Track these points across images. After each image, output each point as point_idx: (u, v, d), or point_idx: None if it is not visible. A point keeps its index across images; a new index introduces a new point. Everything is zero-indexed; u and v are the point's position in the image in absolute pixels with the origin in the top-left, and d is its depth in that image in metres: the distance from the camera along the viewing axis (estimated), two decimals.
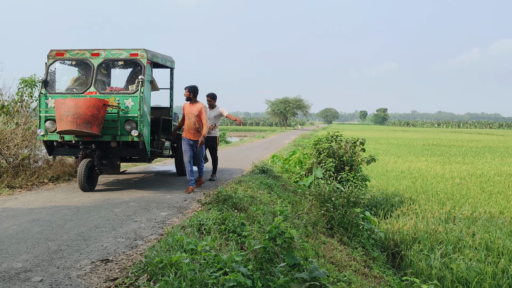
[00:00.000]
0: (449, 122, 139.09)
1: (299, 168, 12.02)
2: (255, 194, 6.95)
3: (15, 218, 5.06)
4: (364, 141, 11.21)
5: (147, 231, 4.60)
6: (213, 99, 9.08)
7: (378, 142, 32.88)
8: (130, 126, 7.17)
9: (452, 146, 31.42)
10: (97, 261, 3.56)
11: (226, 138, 30.24)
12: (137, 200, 6.36)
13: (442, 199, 11.06)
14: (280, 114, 72.54)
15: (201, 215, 4.85)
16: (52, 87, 7.55)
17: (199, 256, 3.25)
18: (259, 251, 3.55)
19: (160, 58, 8.16)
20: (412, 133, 58.89)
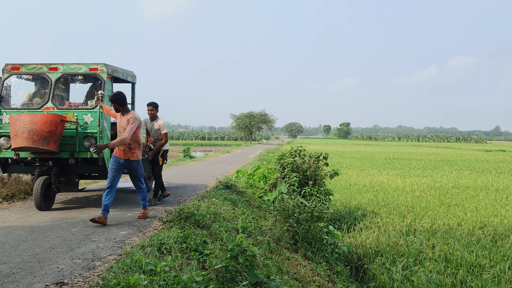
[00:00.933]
0: (409, 136, 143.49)
1: (263, 183, 12.03)
2: (219, 210, 6.88)
3: None
4: (327, 155, 11.36)
5: (105, 251, 4.45)
6: (155, 109, 8.13)
7: (341, 156, 33.44)
8: (89, 142, 6.99)
9: (412, 159, 32.34)
10: (52, 285, 3.40)
11: (190, 153, 29.93)
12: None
13: (403, 212, 11.30)
14: (245, 128, 72.68)
15: (162, 233, 4.74)
16: (7, 102, 7.28)
17: (158, 277, 3.16)
18: (220, 270, 3.49)
19: (121, 72, 8.03)
20: (374, 147, 60.27)
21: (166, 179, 12.30)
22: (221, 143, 79.63)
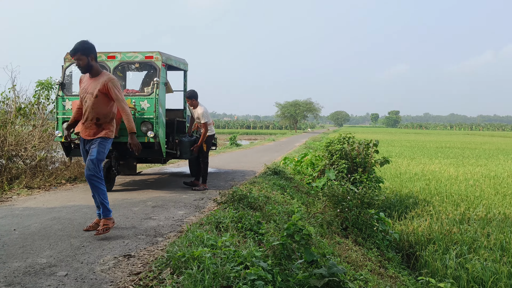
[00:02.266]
0: (462, 124, 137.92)
1: (311, 170, 12.04)
2: (269, 195, 7.00)
3: (36, 216, 5.17)
4: (378, 142, 11.21)
5: (166, 228, 4.68)
6: (190, 99, 7.89)
7: (390, 145, 32.71)
8: (146, 127, 7.28)
9: (465, 148, 31.16)
10: (120, 257, 3.64)
11: (236, 141, 30.33)
12: (154, 200, 6.45)
13: (456, 200, 10.99)
14: (290, 117, 72.45)
15: (218, 213, 4.92)
16: (69, 90, 7.69)
17: (219, 251, 3.31)
18: (277, 247, 3.60)
19: (174, 60, 8.27)
20: (425, 136, 58.47)
21: (215, 165, 12.59)
22: (266, 131, 79.90)
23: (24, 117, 9.19)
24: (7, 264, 3.38)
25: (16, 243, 4.00)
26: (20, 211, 5.52)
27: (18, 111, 8.95)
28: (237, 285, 2.72)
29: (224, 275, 2.88)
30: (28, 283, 2.99)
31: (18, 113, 8.96)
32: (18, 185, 7.41)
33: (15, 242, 4.02)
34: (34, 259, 3.53)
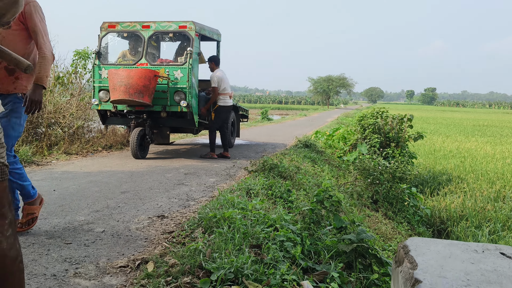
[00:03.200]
0: (502, 103, 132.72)
1: (342, 144, 11.95)
2: (300, 165, 7.03)
3: (74, 179, 5.39)
4: (412, 117, 10.98)
5: (198, 193, 4.80)
6: (210, 61, 8.01)
7: (425, 122, 31.96)
8: (179, 97, 7.37)
9: (504, 127, 30.10)
10: (154, 217, 3.78)
11: (268, 116, 30.31)
12: (186, 167, 6.59)
13: (491, 178, 10.72)
14: (322, 92, 71.56)
15: (249, 181, 4.99)
16: (105, 59, 7.84)
17: (250, 214, 3.38)
18: (306, 212, 3.64)
19: (208, 30, 8.27)
20: (462, 114, 56.76)
21: (246, 137, 12.66)
22: (298, 107, 79.31)
23: (62, 86, 9.46)
24: (47, 220, 3.56)
25: (56, 202, 4.20)
26: (59, 174, 5.76)
27: (56, 80, 9.21)
28: (267, 245, 2.78)
29: (254, 235, 2.94)
30: (68, 237, 3.15)
31: (56, 81, 9.23)
32: (57, 151, 7.70)
33: (55, 202, 4.22)
34: (73, 217, 3.70)
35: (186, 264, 2.45)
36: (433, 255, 1.16)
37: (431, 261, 1.12)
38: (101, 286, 2.35)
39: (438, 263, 1.11)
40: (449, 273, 1.05)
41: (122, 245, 3.03)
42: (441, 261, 1.13)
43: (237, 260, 2.41)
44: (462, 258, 1.14)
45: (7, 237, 1.54)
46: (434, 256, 1.16)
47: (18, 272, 1.59)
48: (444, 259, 1.14)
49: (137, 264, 2.63)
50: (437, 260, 1.13)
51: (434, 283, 0.99)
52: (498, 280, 1.01)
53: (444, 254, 1.17)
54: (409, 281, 1.05)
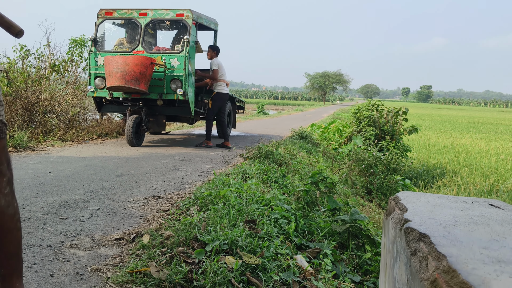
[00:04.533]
0: (497, 101, 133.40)
1: (338, 136, 12.01)
2: (295, 154, 7.06)
3: (70, 163, 5.40)
4: (407, 110, 11.05)
5: (193, 178, 4.82)
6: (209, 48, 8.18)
7: (421, 118, 32.08)
8: (175, 85, 7.36)
9: (499, 124, 30.29)
10: (149, 197, 3.80)
11: (264, 110, 30.32)
12: (182, 155, 6.61)
13: (485, 172, 10.81)
14: (319, 88, 71.62)
15: (244, 166, 5.02)
16: (102, 46, 7.82)
17: (245, 193, 3.40)
18: (301, 194, 3.67)
19: (205, 19, 8.26)
20: (457, 111, 57.01)
21: (242, 129, 12.68)
22: (294, 102, 79.29)
23: (58, 74, 9.43)
24: (43, 198, 3.57)
25: (52, 182, 4.21)
26: (55, 158, 5.76)
27: (52, 67, 9.19)
28: (261, 221, 2.81)
29: (248, 212, 2.97)
30: (64, 214, 3.17)
31: (52, 69, 9.20)
32: (52, 138, 7.70)
33: (51, 182, 4.23)
34: (69, 196, 3.72)
35: (181, 236, 2.47)
36: (423, 204, 1.19)
37: (421, 208, 1.15)
38: (97, 256, 2.37)
39: (427, 209, 1.14)
40: (438, 216, 1.08)
41: (117, 221, 3.05)
42: (431, 208, 1.16)
43: (232, 233, 2.44)
44: (451, 207, 1.18)
45: (5, 195, 1.55)
46: (424, 204, 1.19)
47: (16, 230, 1.61)
48: (434, 207, 1.17)
49: (133, 237, 2.65)
50: (427, 207, 1.16)
51: (423, 222, 1.02)
52: (485, 222, 1.04)
53: (433, 203, 1.21)
54: (399, 223, 1.08)
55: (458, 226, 1.01)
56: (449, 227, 1.01)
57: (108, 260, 2.31)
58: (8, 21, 1.62)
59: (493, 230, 0.99)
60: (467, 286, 0.69)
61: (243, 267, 2.17)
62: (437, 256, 0.82)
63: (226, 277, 2.03)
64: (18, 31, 1.65)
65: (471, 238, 0.92)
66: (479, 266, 0.77)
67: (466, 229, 0.99)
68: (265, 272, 2.22)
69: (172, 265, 2.15)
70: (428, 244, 0.89)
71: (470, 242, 0.89)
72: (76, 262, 2.27)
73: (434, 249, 0.85)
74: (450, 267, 0.76)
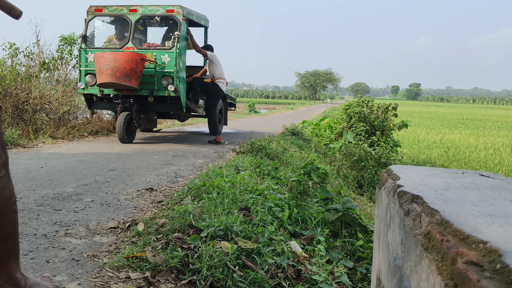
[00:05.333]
0: (485, 98, 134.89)
1: (329, 132, 12.07)
2: (287, 148, 7.10)
3: (61, 159, 5.37)
4: (397, 106, 11.14)
5: (186, 172, 4.83)
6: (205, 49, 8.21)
7: (410, 115, 32.31)
8: (166, 81, 7.35)
9: (487, 120, 30.63)
10: (142, 190, 3.80)
11: (255, 109, 30.37)
12: (174, 151, 6.61)
13: (474, 166, 10.95)
14: (309, 87, 71.87)
15: (237, 159, 5.04)
16: (92, 42, 7.79)
17: (238, 184, 3.43)
18: (294, 184, 3.70)
19: (195, 16, 8.25)
20: (446, 108, 57.52)
21: (234, 127, 12.70)
22: (285, 101, 79.41)
23: (48, 72, 9.37)
24: (36, 191, 3.56)
25: (44, 177, 4.20)
26: (46, 155, 5.73)
27: (42, 65, 9.12)
28: (255, 209, 2.84)
29: (242, 201, 2.99)
30: (57, 205, 3.16)
31: (42, 67, 9.13)
32: (43, 135, 7.65)
33: (43, 176, 4.21)
34: (62, 189, 3.71)
35: (176, 223, 2.49)
36: (415, 174, 1.23)
37: (413, 177, 1.18)
38: (92, 244, 2.38)
39: (419, 178, 1.18)
40: (430, 183, 1.12)
41: (111, 212, 3.06)
42: (423, 177, 1.19)
43: (226, 219, 2.46)
44: (443, 176, 1.21)
45: (1, 177, 1.56)
46: (416, 174, 1.22)
47: (12, 212, 1.62)
48: (425, 176, 1.20)
49: (127, 225, 2.66)
50: (419, 176, 1.20)
51: (415, 187, 1.05)
52: (476, 187, 1.07)
53: (425, 174, 1.24)
54: (392, 190, 1.11)
55: (450, 190, 1.04)
56: (441, 191, 1.05)
57: (104, 247, 2.32)
58: (9, 4, 1.64)
59: (483, 193, 1.02)
60: (459, 233, 0.72)
61: (238, 252, 2.19)
62: (430, 212, 0.85)
63: (221, 260, 2.05)
64: (18, 13, 1.67)
65: (462, 199, 0.95)
66: (471, 218, 0.80)
67: (458, 193, 1.02)
68: (260, 257, 2.24)
69: (168, 250, 2.17)
70: (421, 204, 0.92)
71: (462, 202, 0.92)
72: (71, 250, 2.27)
73: (427, 206, 0.88)
74: (443, 219, 0.79)
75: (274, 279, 2.17)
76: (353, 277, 2.92)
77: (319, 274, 2.29)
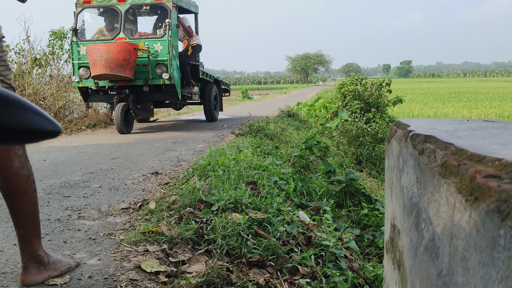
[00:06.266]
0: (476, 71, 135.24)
1: (324, 112, 12.12)
2: (285, 128, 7.15)
3: (63, 151, 5.40)
4: (390, 82, 11.20)
5: (188, 156, 4.88)
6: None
7: (403, 92, 32.25)
8: (160, 69, 7.33)
9: (479, 93, 30.78)
10: (148, 174, 3.85)
11: (248, 95, 30.35)
12: (174, 138, 6.65)
13: None
14: (301, 70, 71.80)
15: (237, 140, 5.09)
16: (83, 35, 7.74)
17: (242, 162, 3.48)
18: (296, 159, 3.76)
19: (185, 2, 8.21)
20: (438, 84, 57.67)
21: (230, 113, 12.73)
22: (277, 86, 79.28)
23: (41, 68, 9.33)
24: (43, 182, 3.60)
25: (48, 168, 4.23)
26: (47, 148, 5.75)
27: (34, 62, 9.07)
28: (261, 183, 2.90)
29: (248, 177, 3.05)
30: (66, 193, 3.21)
31: (34, 64, 9.09)
32: None
33: (47, 168, 4.25)
34: (68, 178, 3.75)
35: (186, 200, 2.54)
36: (424, 122, 1.28)
37: (422, 124, 1.23)
38: (106, 224, 2.43)
39: (428, 125, 1.23)
40: (439, 127, 1.17)
41: (120, 195, 3.11)
42: (431, 124, 1.25)
43: (235, 193, 2.51)
44: (450, 123, 1.27)
45: (19, 156, 1.60)
46: (424, 122, 1.28)
47: (31, 190, 1.66)
48: (434, 123, 1.26)
49: (139, 205, 2.72)
50: (428, 124, 1.25)
51: (426, 131, 1.11)
52: (483, 128, 1.13)
53: (433, 122, 1.29)
54: (403, 137, 1.17)
55: (459, 131, 1.10)
56: (451, 132, 1.10)
57: (118, 226, 2.38)
58: None
59: (490, 132, 1.08)
60: (475, 156, 0.77)
61: (249, 222, 2.25)
62: (444, 146, 0.91)
63: (234, 230, 2.11)
64: None
65: (472, 135, 1.00)
66: (484, 146, 0.85)
67: (467, 132, 1.07)
68: (271, 226, 2.31)
69: (181, 224, 2.23)
70: (434, 142, 0.98)
71: (472, 137, 0.98)
72: (87, 230, 2.33)
73: (440, 142, 0.94)
74: (458, 148, 0.84)
75: (286, 246, 2.23)
76: (360, 244, 3.00)
77: (329, 239, 2.36)
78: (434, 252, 0.87)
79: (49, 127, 0.53)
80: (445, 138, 0.97)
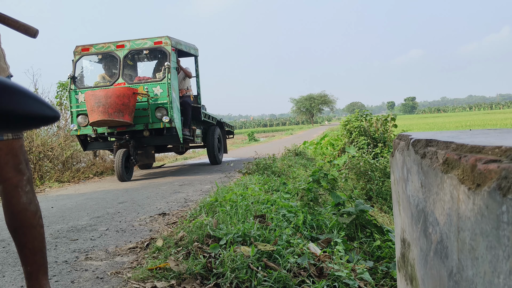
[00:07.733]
0: (481, 104, 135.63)
1: (331, 149, 12.11)
2: (292, 165, 7.13)
3: (70, 199, 5.40)
4: (395, 116, 11.25)
5: (195, 197, 4.85)
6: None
7: (409, 128, 32.35)
8: (161, 113, 7.21)
9: (486, 125, 30.71)
10: (155, 215, 3.82)
11: (254, 137, 30.57)
12: (180, 181, 6.64)
13: None
14: (306, 111, 72.45)
15: (244, 179, 5.07)
16: (81, 82, 7.71)
17: (250, 197, 3.45)
18: (304, 192, 3.73)
19: (184, 45, 8.29)
20: (444, 118, 57.81)
21: (236, 155, 12.75)
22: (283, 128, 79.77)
23: None
24: (50, 227, 3.58)
25: (55, 214, 4.22)
26: (55, 197, 5.76)
27: None
28: (270, 216, 2.86)
29: (256, 211, 3.01)
30: (73, 236, 3.18)
31: None
32: (49, 180, 7.69)
33: (54, 214, 4.23)
34: (75, 223, 3.73)
35: (194, 235, 2.50)
36: (425, 134, 1.28)
37: (424, 134, 1.23)
38: (114, 264, 2.39)
39: (430, 134, 1.23)
40: (440, 135, 1.17)
41: (128, 236, 3.08)
42: (433, 134, 1.25)
43: (243, 226, 2.48)
44: (452, 132, 1.26)
45: (26, 192, 1.61)
46: (426, 134, 1.28)
47: (39, 226, 1.65)
48: (435, 133, 1.26)
49: (146, 244, 2.68)
50: (429, 134, 1.25)
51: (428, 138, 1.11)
52: (484, 134, 1.13)
53: (435, 133, 1.29)
54: (406, 146, 1.16)
55: (461, 135, 1.09)
56: (451, 137, 1.10)
57: (126, 265, 2.34)
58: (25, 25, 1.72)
59: (492, 135, 1.07)
60: (475, 148, 0.76)
61: (259, 254, 2.21)
62: (445, 145, 0.90)
63: (244, 262, 2.06)
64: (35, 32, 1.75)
65: (473, 136, 1.00)
66: (484, 141, 0.85)
67: (468, 137, 1.07)
68: (281, 257, 2.25)
69: (189, 259, 2.18)
70: (435, 144, 0.98)
71: (473, 137, 0.97)
72: (94, 270, 2.29)
73: (441, 143, 0.93)
74: (458, 144, 0.84)
75: (297, 277, 2.17)
76: (375, 276, 2.91)
77: (342, 270, 2.30)
78: (443, 253, 0.84)
79: (49, 113, 0.57)
80: (446, 140, 0.97)
